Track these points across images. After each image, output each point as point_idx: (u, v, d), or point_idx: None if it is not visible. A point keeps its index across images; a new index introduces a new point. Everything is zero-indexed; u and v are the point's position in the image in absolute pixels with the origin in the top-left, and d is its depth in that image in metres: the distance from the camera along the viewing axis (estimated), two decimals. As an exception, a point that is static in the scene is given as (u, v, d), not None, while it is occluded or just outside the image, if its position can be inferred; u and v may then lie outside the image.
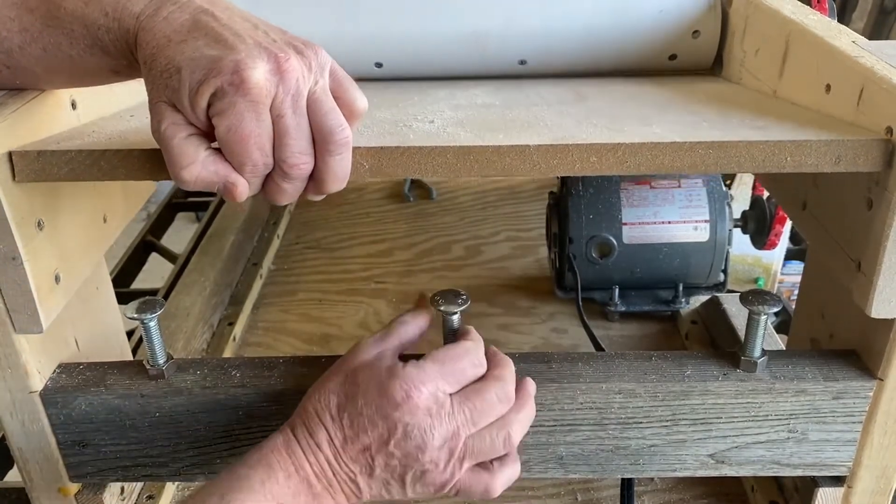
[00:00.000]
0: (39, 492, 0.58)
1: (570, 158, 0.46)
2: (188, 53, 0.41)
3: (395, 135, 0.49)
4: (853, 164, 0.45)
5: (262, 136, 0.42)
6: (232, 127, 0.41)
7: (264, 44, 0.42)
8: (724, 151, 0.46)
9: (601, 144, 0.46)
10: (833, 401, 0.52)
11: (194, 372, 0.55)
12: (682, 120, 0.51)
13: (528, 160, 0.46)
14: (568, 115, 0.53)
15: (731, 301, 0.83)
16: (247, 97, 0.41)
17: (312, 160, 0.44)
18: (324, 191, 0.46)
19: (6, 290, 0.49)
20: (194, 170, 0.43)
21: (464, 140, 0.48)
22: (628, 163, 0.46)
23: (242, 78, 0.40)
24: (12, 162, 0.46)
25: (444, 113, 0.55)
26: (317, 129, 0.43)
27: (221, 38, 0.41)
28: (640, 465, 0.56)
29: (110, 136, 0.51)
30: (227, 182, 0.43)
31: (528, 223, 1.11)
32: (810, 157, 0.45)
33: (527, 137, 0.48)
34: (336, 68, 0.45)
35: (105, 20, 0.44)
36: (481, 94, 0.62)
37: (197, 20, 0.42)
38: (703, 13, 0.67)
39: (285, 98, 0.42)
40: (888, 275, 0.46)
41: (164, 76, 0.42)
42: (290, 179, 0.44)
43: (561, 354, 0.56)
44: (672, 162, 0.46)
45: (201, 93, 0.41)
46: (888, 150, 0.45)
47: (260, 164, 0.43)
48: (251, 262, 1.03)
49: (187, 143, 0.42)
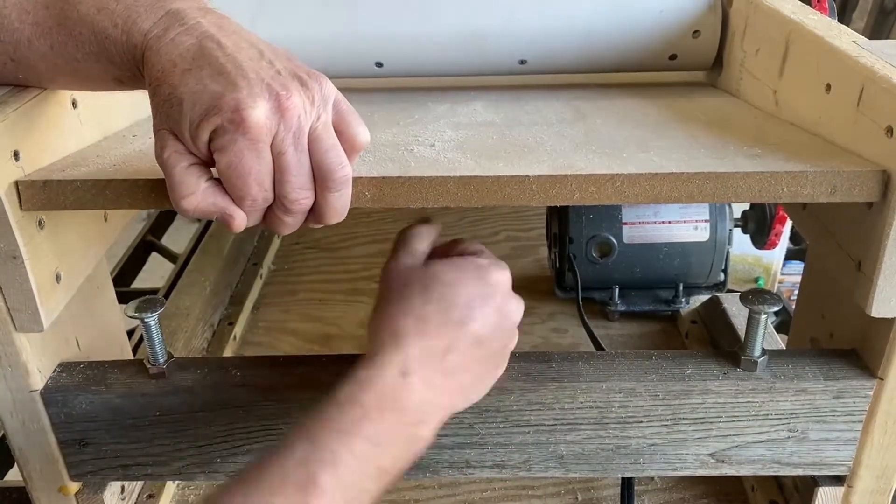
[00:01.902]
0: (40, 491, 0.58)
1: (569, 188, 0.47)
2: (191, 86, 0.41)
3: (397, 161, 0.50)
4: (848, 194, 0.46)
5: (262, 173, 0.42)
6: (232, 163, 0.42)
7: (267, 79, 0.42)
8: (720, 182, 0.46)
9: (599, 175, 0.47)
10: (833, 400, 0.52)
11: (195, 371, 0.55)
12: (679, 145, 0.52)
13: (527, 190, 0.47)
14: (567, 138, 0.54)
15: (731, 301, 0.83)
16: (247, 136, 0.41)
17: (313, 195, 0.44)
18: (323, 223, 0.46)
19: (7, 289, 0.49)
20: (194, 200, 0.43)
21: (464, 169, 0.48)
22: (626, 193, 0.47)
23: (243, 117, 0.40)
24: (19, 191, 0.47)
25: (444, 133, 0.56)
26: (317, 167, 0.43)
27: (224, 72, 0.41)
28: (641, 464, 0.56)
29: (114, 161, 0.51)
30: (225, 214, 0.44)
31: (528, 223, 1.11)
32: (806, 188, 0.46)
33: (526, 166, 0.48)
34: (340, 100, 0.45)
35: (114, 31, 0.44)
36: (481, 109, 0.63)
37: (202, 47, 0.42)
38: (704, 13, 0.67)
39: (286, 136, 0.42)
40: (888, 275, 0.47)
41: (166, 105, 0.42)
42: (291, 213, 0.44)
43: (561, 354, 0.56)
44: (670, 192, 0.47)
45: (202, 128, 0.41)
46: (883, 181, 0.45)
47: (259, 199, 0.43)
48: (251, 262, 1.03)
49: (188, 173, 0.43)
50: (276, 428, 0.55)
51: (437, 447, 0.55)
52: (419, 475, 0.57)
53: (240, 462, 0.56)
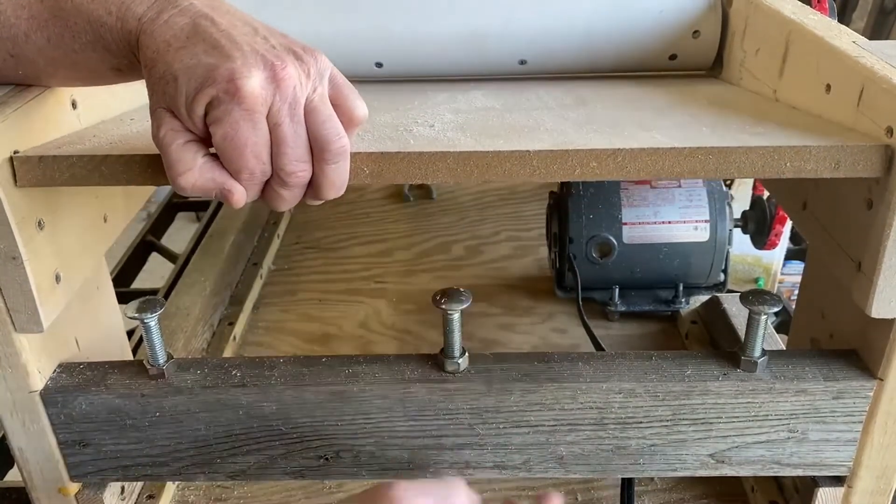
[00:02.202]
0: (39, 492, 0.58)
1: (570, 164, 0.46)
2: (185, 61, 0.41)
3: (396, 140, 0.49)
4: (852, 169, 0.45)
5: (258, 145, 0.42)
6: (228, 135, 0.41)
7: (261, 51, 0.42)
8: (723, 157, 0.46)
9: (601, 150, 0.46)
10: (833, 401, 0.52)
11: (195, 371, 0.55)
12: (681, 124, 0.51)
13: (528, 165, 0.46)
14: (568, 120, 0.54)
15: (731, 301, 0.83)
16: (242, 106, 0.41)
17: (310, 168, 0.44)
18: (321, 197, 0.46)
19: (7, 290, 0.49)
20: (191, 176, 0.43)
21: (464, 145, 0.48)
22: (628, 168, 0.46)
23: (237, 87, 0.40)
24: (13, 166, 0.47)
25: (444, 117, 0.55)
26: (313, 138, 0.43)
27: (218, 46, 0.41)
28: (640, 464, 0.56)
29: (111, 140, 0.51)
30: (223, 189, 0.43)
31: (528, 223, 1.11)
32: (809, 163, 0.46)
33: (527, 143, 0.48)
34: (336, 74, 0.45)
35: (108, 18, 0.44)
36: (481, 96, 0.62)
37: (196, 25, 0.42)
38: (704, 13, 0.67)
39: (282, 106, 0.42)
40: (888, 275, 0.47)
41: (161, 83, 0.42)
42: (289, 187, 0.44)
43: (561, 354, 0.56)
44: (672, 167, 0.46)
45: (197, 101, 0.41)
46: (887, 156, 0.45)
47: (257, 172, 0.43)
48: (251, 262, 1.03)
49: (185, 150, 0.43)
50: (276, 428, 0.55)
51: (437, 447, 0.56)
52: (419, 475, 0.57)
53: (240, 462, 0.57)
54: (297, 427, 0.55)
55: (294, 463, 0.56)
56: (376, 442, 0.55)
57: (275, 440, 0.56)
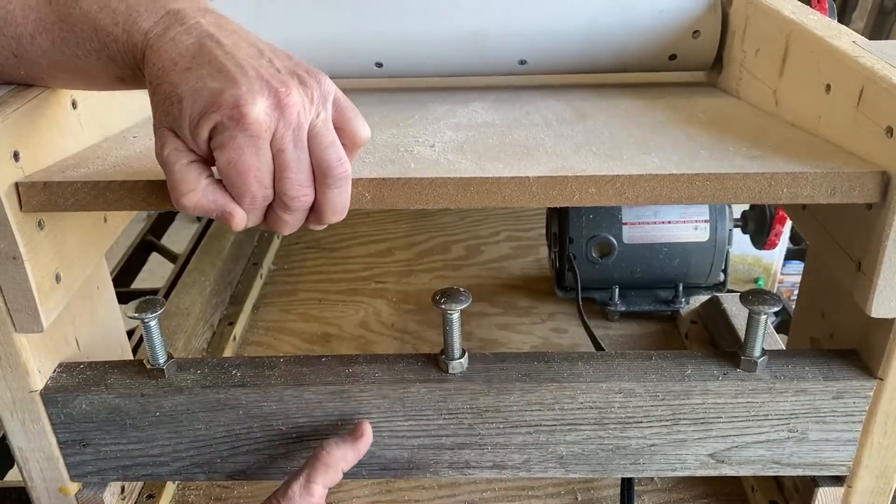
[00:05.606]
0: (40, 491, 0.58)
1: (569, 190, 0.47)
2: (191, 83, 0.41)
3: (397, 162, 0.50)
4: (848, 195, 0.46)
5: (261, 170, 0.42)
6: (232, 160, 0.42)
7: (266, 76, 0.42)
8: (720, 184, 0.46)
9: (599, 176, 0.47)
10: (833, 400, 0.52)
11: (195, 371, 0.55)
12: (679, 146, 0.52)
13: (527, 191, 0.47)
14: (567, 139, 0.54)
15: (731, 301, 0.83)
16: (246, 132, 0.41)
17: (313, 192, 0.44)
18: (324, 221, 0.46)
19: (7, 290, 0.49)
20: (193, 197, 0.43)
21: (464, 170, 0.48)
22: (626, 194, 0.47)
23: (242, 113, 0.40)
24: (19, 193, 0.47)
25: (444, 135, 0.56)
26: (316, 163, 0.44)
27: (224, 69, 0.41)
28: (641, 464, 0.56)
29: (115, 163, 0.51)
30: (224, 211, 0.44)
31: (528, 223, 1.11)
32: (806, 189, 0.46)
33: (526, 167, 0.48)
34: (339, 97, 0.45)
35: (115, 29, 0.44)
36: (481, 110, 0.63)
37: (202, 45, 0.42)
38: (703, 13, 0.67)
39: (286, 133, 0.42)
40: (888, 275, 0.47)
41: (166, 103, 0.42)
42: (291, 211, 0.44)
43: (561, 354, 0.56)
44: (670, 194, 0.47)
45: (201, 125, 0.41)
46: (883, 182, 0.45)
47: (259, 197, 0.43)
48: (251, 262, 1.03)
49: (188, 171, 0.43)
50: (277, 428, 0.55)
51: (437, 447, 0.56)
52: (419, 475, 0.57)
53: (240, 462, 0.57)
54: (297, 427, 0.55)
55: (294, 463, 0.56)
56: (376, 442, 0.55)
57: (275, 440, 0.56)
